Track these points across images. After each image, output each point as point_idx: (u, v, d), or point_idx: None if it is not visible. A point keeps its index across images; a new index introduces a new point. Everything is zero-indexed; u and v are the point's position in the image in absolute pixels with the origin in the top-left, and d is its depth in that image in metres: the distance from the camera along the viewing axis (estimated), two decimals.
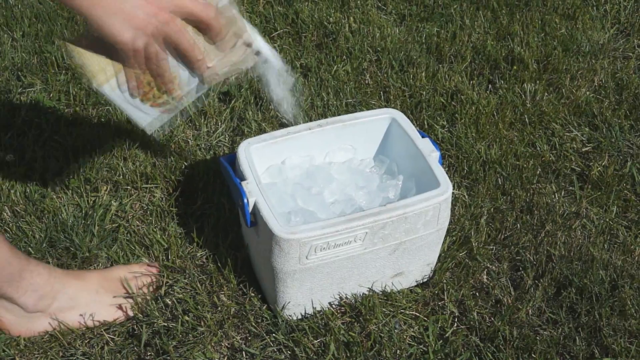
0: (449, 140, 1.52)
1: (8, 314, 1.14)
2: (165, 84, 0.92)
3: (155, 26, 0.85)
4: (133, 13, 0.83)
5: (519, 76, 1.71)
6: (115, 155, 1.47)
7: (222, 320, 1.17)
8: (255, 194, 1.09)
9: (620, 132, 1.56)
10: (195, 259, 1.27)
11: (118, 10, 0.83)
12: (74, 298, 1.16)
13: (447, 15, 1.93)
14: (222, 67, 0.96)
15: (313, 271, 1.10)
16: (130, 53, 0.86)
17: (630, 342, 1.15)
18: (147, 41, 0.86)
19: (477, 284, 1.25)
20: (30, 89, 1.65)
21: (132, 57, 0.87)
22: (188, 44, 0.90)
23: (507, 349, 1.14)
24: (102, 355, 1.13)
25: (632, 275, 1.25)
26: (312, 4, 1.95)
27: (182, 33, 0.89)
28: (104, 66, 0.88)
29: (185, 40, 0.89)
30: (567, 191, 1.43)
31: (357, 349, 1.13)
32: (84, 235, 1.30)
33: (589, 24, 1.89)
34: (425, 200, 1.10)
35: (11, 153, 1.47)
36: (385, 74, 1.71)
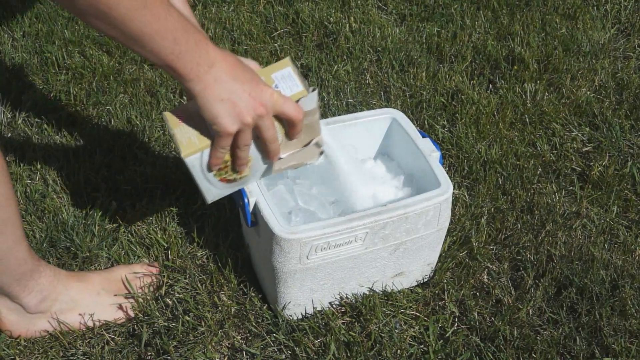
0: (449, 140, 1.52)
1: (10, 314, 1.14)
2: (240, 165, 1.01)
3: (253, 118, 0.93)
4: (237, 103, 0.92)
5: (519, 76, 1.71)
6: (116, 155, 1.47)
7: (223, 320, 1.18)
8: (255, 193, 1.09)
9: (621, 132, 1.56)
10: (196, 259, 1.27)
11: (225, 98, 0.91)
12: (75, 300, 1.16)
13: (447, 15, 1.93)
14: (290, 160, 1.05)
15: (313, 271, 1.10)
16: (224, 136, 0.94)
17: (630, 342, 1.15)
18: (242, 129, 0.94)
19: (477, 284, 1.25)
20: (30, 88, 1.65)
21: (224, 140, 0.95)
22: (273, 138, 0.99)
23: (507, 349, 1.14)
24: (102, 355, 1.13)
25: (633, 275, 1.25)
26: (313, 3, 1.95)
27: (272, 128, 0.97)
28: (194, 140, 0.97)
29: (272, 135, 0.98)
30: (568, 191, 1.43)
31: (358, 348, 1.13)
32: (84, 235, 1.30)
33: (589, 24, 1.89)
34: (426, 200, 1.10)
35: (12, 153, 1.47)
36: (385, 74, 1.71)
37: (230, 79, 0.92)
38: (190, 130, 0.97)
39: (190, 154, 0.96)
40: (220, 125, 0.92)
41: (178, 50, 0.87)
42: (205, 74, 0.90)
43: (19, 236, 1.07)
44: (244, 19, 1.90)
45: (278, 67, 1.02)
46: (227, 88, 0.91)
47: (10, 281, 1.09)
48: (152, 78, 1.68)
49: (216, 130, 0.93)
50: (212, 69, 0.90)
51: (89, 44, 1.78)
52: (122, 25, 0.83)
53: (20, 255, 1.08)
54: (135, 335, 1.17)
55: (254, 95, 0.93)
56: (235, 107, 0.92)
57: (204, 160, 0.98)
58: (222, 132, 0.93)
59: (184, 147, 0.96)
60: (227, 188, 1.05)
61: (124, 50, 1.77)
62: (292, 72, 1.01)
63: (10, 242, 1.05)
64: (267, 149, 1.00)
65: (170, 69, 0.89)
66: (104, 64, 1.71)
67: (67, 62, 1.72)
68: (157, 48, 0.86)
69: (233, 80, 0.92)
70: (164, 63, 0.88)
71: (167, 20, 0.86)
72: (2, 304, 1.13)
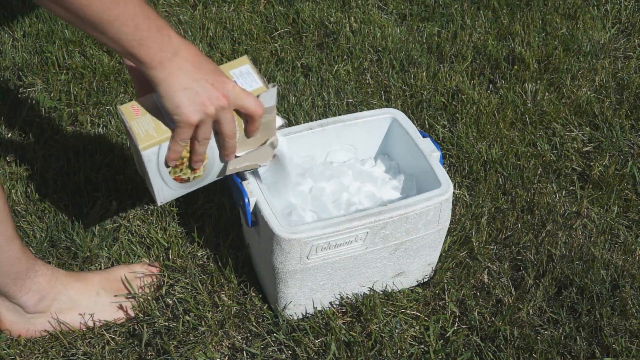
0: (449, 140, 1.52)
1: (9, 314, 1.14)
2: (196, 162, 0.99)
3: (215, 108, 0.92)
4: (200, 93, 0.90)
5: (519, 76, 1.71)
6: (116, 154, 1.47)
7: (223, 320, 1.18)
8: (256, 193, 1.09)
9: (621, 132, 1.56)
10: (196, 259, 1.27)
11: (189, 87, 0.90)
12: (74, 299, 1.16)
13: (447, 15, 1.93)
14: (245, 160, 1.04)
15: (314, 271, 1.11)
16: (185, 127, 0.92)
17: (631, 341, 1.15)
18: (203, 120, 0.92)
19: (477, 284, 1.25)
20: (31, 88, 1.65)
21: (185, 131, 0.93)
22: (232, 133, 0.97)
23: (507, 349, 1.14)
24: (102, 355, 1.13)
25: (633, 275, 1.25)
26: (313, 3, 1.95)
27: (232, 122, 0.96)
28: (152, 133, 0.94)
29: (231, 130, 0.97)
30: (568, 191, 1.43)
31: (358, 348, 1.13)
32: (84, 235, 1.30)
33: (589, 24, 1.89)
34: (426, 200, 1.10)
35: (12, 153, 1.48)
36: (386, 74, 1.71)
37: (193, 68, 0.90)
38: (148, 123, 0.94)
39: (148, 147, 0.94)
40: (182, 115, 0.90)
41: (139, 36, 0.85)
42: (169, 61, 0.88)
43: (10, 235, 1.06)
44: (245, 18, 1.90)
45: (236, 65, 1.00)
46: (190, 77, 0.89)
47: (6, 281, 1.09)
48: None
49: (177, 121, 0.91)
50: (175, 56, 0.88)
51: (89, 44, 1.78)
52: (80, 11, 0.81)
53: (13, 254, 1.07)
54: (135, 335, 1.17)
55: (216, 85, 0.91)
56: (198, 96, 0.90)
57: (161, 154, 0.95)
58: (184, 122, 0.91)
59: (141, 139, 0.93)
60: (180, 188, 1.03)
61: None
62: (251, 69, 1.00)
63: (2, 241, 1.05)
64: (225, 145, 0.98)
65: (131, 56, 0.87)
66: (104, 64, 1.71)
67: (68, 62, 1.72)
68: (117, 35, 0.84)
69: (196, 70, 0.90)
70: (125, 50, 0.86)
71: (127, 6, 0.84)
72: (0, 304, 1.13)
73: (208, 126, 0.94)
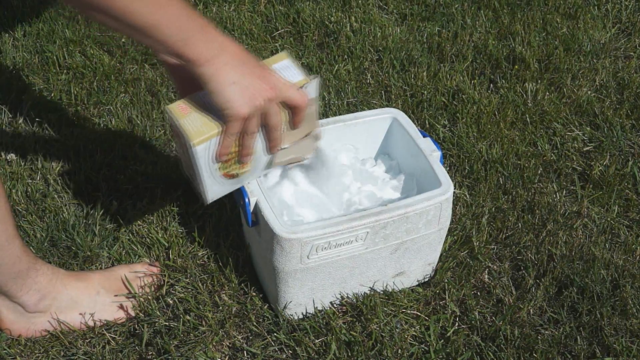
0: (450, 140, 1.52)
1: (10, 313, 1.14)
2: (245, 155, 1.01)
3: (263, 101, 0.93)
4: (248, 86, 0.92)
5: (520, 75, 1.71)
6: (116, 154, 1.47)
7: (224, 319, 1.18)
8: (256, 193, 1.09)
9: (622, 132, 1.56)
10: (197, 259, 1.27)
11: (237, 82, 0.91)
12: (74, 299, 1.16)
13: (448, 14, 1.93)
14: (289, 153, 1.06)
15: (314, 271, 1.11)
16: (236, 121, 0.93)
17: (631, 341, 1.15)
18: (253, 113, 0.94)
19: (478, 284, 1.25)
20: (31, 88, 1.65)
21: (235, 125, 0.94)
22: (278, 124, 0.99)
23: (508, 349, 1.14)
24: (103, 355, 1.13)
25: (634, 275, 1.25)
26: (314, 3, 1.95)
27: (278, 114, 0.97)
28: (202, 129, 0.95)
29: (278, 121, 0.98)
30: (569, 190, 1.43)
31: (359, 348, 1.13)
32: (85, 235, 1.30)
33: (590, 24, 1.89)
34: (427, 199, 1.10)
35: (12, 152, 1.48)
36: (386, 74, 1.71)
37: (240, 63, 0.91)
38: (197, 119, 0.96)
39: (200, 142, 0.95)
40: (232, 109, 0.92)
41: (185, 36, 0.87)
42: (216, 57, 0.89)
43: (11, 234, 1.06)
44: (245, 18, 1.90)
45: (277, 60, 1.02)
46: (238, 71, 0.91)
47: (6, 280, 1.09)
48: (153, 77, 1.68)
49: (228, 115, 0.93)
50: (221, 52, 0.90)
51: (89, 44, 1.78)
52: (125, 17, 0.83)
53: (13, 253, 1.08)
54: (136, 335, 1.17)
55: (263, 78, 0.93)
56: (247, 90, 0.92)
57: (212, 150, 0.97)
58: (234, 116, 0.93)
59: (192, 136, 0.95)
60: (228, 185, 1.05)
61: (125, 50, 1.77)
62: (291, 63, 1.02)
63: (2, 240, 1.05)
64: (271, 137, 1.00)
65: (179, 56, 0.89)
66: (104, 64, 1.71)
67: (68, 62, 1.72)
68: (163, 37, 0.86)
69: (242, 65, 0.92)
70: (172, 50, 0.88)
71: (170, 8, 0.86)
72: (1, 303, 1.13)
73: (257, 119, 0.95)
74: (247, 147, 0.99)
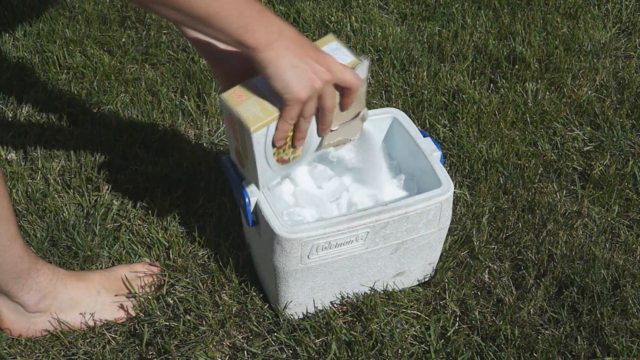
0: (450, 140, 1.52)
1: (10, 313, 1.14)
2: (299, 139, 1.00)
3: (321, 84, 0.93)
4: (307, 70, 0.91)
5: (520, 75, 1.71)
6: (117, 154, 1.47)
7: (224, 319, 1.18)
8: (256, 193, 1.09)
9: (622, 132, 1.56)
10: (197, 258, 1.27)
11: (296, 65, 0.91)
12: (75, 299, 1.16)
13: (448, 14, 1.93)
14: (337, 135, 1.06)
15: (314, 271, 1.11)
16: (295, 104, 0.93)
17: (632, 341, 1.15)
18: (311, 96, 0.93)
19: (478, 283, 1.25)
20: (31, 88, 1.65)
21: (295, 109, 0.94)
22: (332, 106, 0.98)
23: (508, 348, 1.14)
24: (103, 355, 1.13)
25: (634, 275, 1.25)
26: (314, 3, 1.95)
27: (333, 96, 0.97)
28: (260, 115, 0.95)
29: (332, 104, 0.98)
30: (569, 190, 1.43)
31: (359, 348, 1.13)
32: (85, 235, 1.30)
33: (590, 23, 1.89)
34: (427, 199, 1.10)
35: (13, 152, 1.48)
36: (386, 73, 1.71)
37: (297, 47, 0.91)
38: (254, 106, 0.95)
39: (259, 128, 0.95)
40: (292, 93, 0.91)
41: (245, 22, 0.87)
42: (276, 42, 0.89)
43: (13, 234, 1.07)
44: None
45: (325, 42, 1.02)
46: (296, 55, 0.91)
47: (8, 279, 1.09)
48: (153, 77, 1.68)
49: (287, 99, 0.92)
50: (281, 37, 0.90)
51: (90, 44, 1.78)
52: (187, 9, 0.84)
53: (15, 253, 1.08)
54: (136, 335, 1.17)
55: (320, 61, 0.93)
56: (306, 73, 0.91)
57: (269, 135, 0.96)
58: (294, 100, 0.92)
59: (250, 122, 0.94)
60: (280, 170, 1.05)
61: (125, 50, 1.77)
62: (340, 44, 1.02)
63: (4, 240, 1.05)
64: (324, 119, 0.99)
65: (239, 44, 0.89)
66: (105, 64, 1.71)
67: (68, 62, 1.72)
68: (224, 25, 0.86)
69: (300, 48, 0.92)
70: (232, 38, 0.88)
71: None
72: (1, 303, 1.13)
73: (314, 101, 0.95)
74: (303, 130, 0.99)
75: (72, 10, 1.90)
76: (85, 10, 1.89)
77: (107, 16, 1.88)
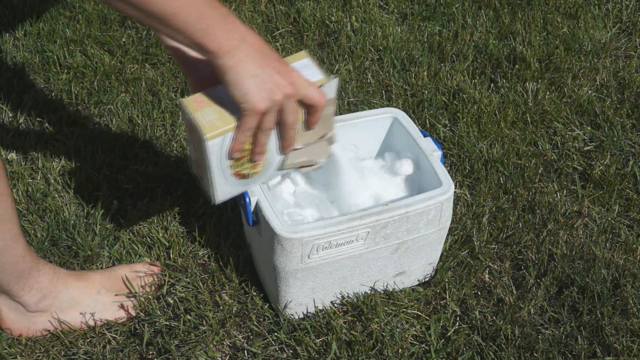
0: (450, 140, 1.52)
1: (11, 313, 1.14)
2: (258, 154, 0.98)
3: (281, 97, 0.91)
4: (267, 80, 0.89)
5: (520, 75, 1.71)
6: (117, 154, 1.47)
7: (224, 319, 1.18)
8: (257, 193, 1.09)
9: (622, 131, 1.56)
10: (197, 258, 1.27)
11: (256, 74, 0.89)
12: (75, 298, 1.16)
13: (449, 14, 1.93)
14: (302, 155, 1.04)
15: (315, 270, 1.11)
16: (253, 115, 0.91)
17: (632, 341, 1.15)
18: (270, 108, 0.91)
19: (479, 283, 1.25)
20: (32, 88, 1.65)
21: (252, 119, 0.92)
22: (294, 122, 0.96)
23: (509, 348, 1.14)
24: (104, 354, 1.13)
25: (634, 274, 1.25)
26: (314, 2, 1.95)
27: (295, 112, 0.95)
28: (217, 123, 0.93)
29: (294, 119, 0.95)
30: (569, 190, 1.43)
31: (359, 348, 1.13)
32: (85, 234, 1.30)
33: (590, 23, 1.89)
34: (427, 199, 1.10)
35: (13, 152, 1.48)
36: (387, 73, 1.71)
37: (260, 56, 0.89)
38: (212, 113, 0.94)
39: (213, 137, 0.93)
40: (250, 102, 0.89)
41: (205, 25, 0.85)
42: (236, 48, 0.87)
43: (16, 233, 1.07)
44: (246, 18, 1.90)
45: (296, 58, 1.01)
46: (258, 64, 0.89)
47: (9, 279, 1.09)
48: (153, 77, 1.68)
49: (245, 108, 0.90)
50: (243, 44, 0.88)
51: (90, 43, 1.78)
52: (144, 6, 0.82)
53: (18, 252, 1.08)
54: (136, 335, 1.17)
55: (283, 73, 0.91)
56: (266, 84, 0.89)
57: (225, 146, 0.95)
58: (252, 110, 0.90)
59: (206, 129, 0.92)
60: (238, 185, 1.03)
61: (126, 50, 1.77)
62: (311, 62, 1.00)
63: (7, 239, 1.05)
64: (285, 135, 0.97)
65: (198, 47, 0.87)
66: (105, 63, 1.71)
67: (69, 62, 1.72)
68: (183, 25, 0.84)
69: (263, 57, 0.89)
70: (191, 41, 0.86)
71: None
72: (1, 302, 1.13)
73: (273, 115, 0.93)
74: (261, 144, 0.96)
75: (72, 10, 1.90)
76: (86, 10, 1.89)
77: (108, 16, 1.88)
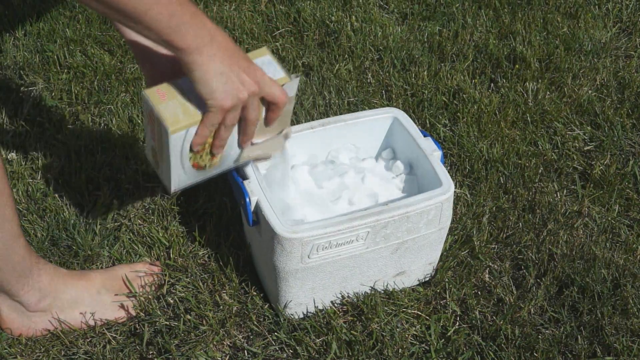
0: (450, 139, 1.52)
1: (11, 313, 1.14)
2: (217, 147, 1.00)
3: (247, 95, 0.93)
4: (234, 78, 0.92)
5: (521, 75, 1.71)
6: (117, 154, 1.47)
7: (224, 319, 1.18)
8: (257, 192, 1.09)
9: (622, 131, 1.56)
10: (197, 258, 1.27)
11: (223, 72, 0.91)
12: (75, 298, 1.16)
13: (449, 14, 1.93)
14: (258, 149, 1.06)
15: (315, 270, 1.11)
16: (218, 112, 0.93)
17: (632, 340, 1.15)
18: (235, 106, 0.94)
19: (479, 283, 1.25)
20: (32, 87, 1.65)
21: (216, 116, 0.94)
22: (256, 119, 0.99)
23: (509, 348, 1.14)
24: (104, 354, 1.13)
25: (634, 274, 1.25)
26: (314, 2, 1.95)
27: (257, 109, 0.97)
28: (180, 117, 0.95)
29: (255, 116, 0.98)
30: (569, 190, 1.43)
31: (359, 347, 1.13)
32: (85, 234, 1.30)
33: (591, 23, 1.89)
34: (427, 199, 1.10)
35: (13, 152, 1.48)
36: (387, 73, 1.71)
37: (227, 55, 0.91)
38: (176, 107, 0.95)
39: (177, 130, 0.94)
40: (216, 100, 0.92)
41: (175, 23, 0.86)
42: (206, 46, 0.89)
43: (16, 233, 1.07)
44: (246, 17, 1.90)
45: (258, 55, 1.02)
46: (225, 63, 0.91)
47: (9, 279, 1.09)
48: None
49: (211, 105, 0.92)
50: (211, 42, 0.89)
51: (90, 43, 1.78)
52: (115, 3, 0.82)
53: (18, 252, 1.08)
54: (136, 334, 1.17)
55: (248, 72, 0.93)
56: (233, 82, 0.91)
57: (187, 139, 0.96)
58: (218, 107, 0.92)
59: (170, 122, 0.93)
60: (195, 176, 1.04)
61: (126, 49, 1.77)
62: (272, 59, 1.01)
63: (7, 239, 1.05)
64: (246, 131, 1.00)
65: (167, 44, 0.88)
66: (105, 63, 1.71)
67: (69, 61, 1.72)
68: (153, 23, 0.85)
69: (230, 56, 0.91)
70: (160, 38, 0.87)
71: None
72: (2, 302, 1.13)
73: (238, 111, 0.95)
74: (222, 139, 0.99)
75: (72, 10, 1.90)
76: (86, 9, 1.89)
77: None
